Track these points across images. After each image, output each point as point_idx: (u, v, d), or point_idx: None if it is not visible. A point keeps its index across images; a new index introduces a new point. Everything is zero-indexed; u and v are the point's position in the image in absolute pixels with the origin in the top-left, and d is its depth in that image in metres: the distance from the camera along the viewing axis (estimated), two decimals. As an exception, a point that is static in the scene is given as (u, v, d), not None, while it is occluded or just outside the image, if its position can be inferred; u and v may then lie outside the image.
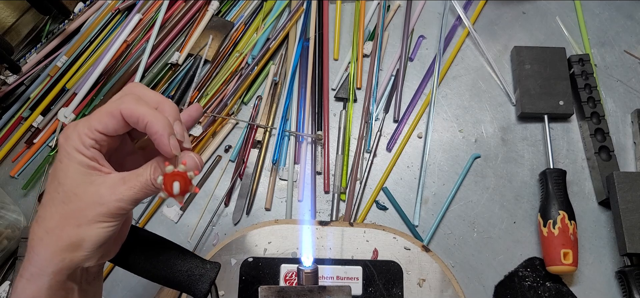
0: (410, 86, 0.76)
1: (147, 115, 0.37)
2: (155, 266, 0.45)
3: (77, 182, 0.38)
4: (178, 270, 0.45)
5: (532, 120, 0.73)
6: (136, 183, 0.38)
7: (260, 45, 0.77)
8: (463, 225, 0.67)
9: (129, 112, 0.37)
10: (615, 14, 0.80)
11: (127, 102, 0.38)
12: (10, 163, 0.71)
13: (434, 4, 0.81)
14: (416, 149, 0.72)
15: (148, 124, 0.37)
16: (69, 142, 0.38)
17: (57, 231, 0.38)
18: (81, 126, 0.38)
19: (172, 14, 0.79)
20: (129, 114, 0.37)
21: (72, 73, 0.75)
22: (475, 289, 0.64)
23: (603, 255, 0.66)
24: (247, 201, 0.68)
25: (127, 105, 0.37)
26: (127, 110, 0.37)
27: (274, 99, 0.74)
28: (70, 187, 0.38)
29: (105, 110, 0.38)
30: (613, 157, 0.68)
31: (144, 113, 0.37)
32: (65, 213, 0.38)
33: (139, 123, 0.38)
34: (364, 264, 0.61)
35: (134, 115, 0.38)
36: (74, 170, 0.38)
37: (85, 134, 0.38)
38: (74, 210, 0.38)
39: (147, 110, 0.38)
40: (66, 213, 0.38)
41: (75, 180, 0.38)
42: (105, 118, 0.38)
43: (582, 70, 0.73)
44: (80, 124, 0.38)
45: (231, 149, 0.72)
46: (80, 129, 0.38)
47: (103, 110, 0.38)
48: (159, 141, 0.38)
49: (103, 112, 0.38)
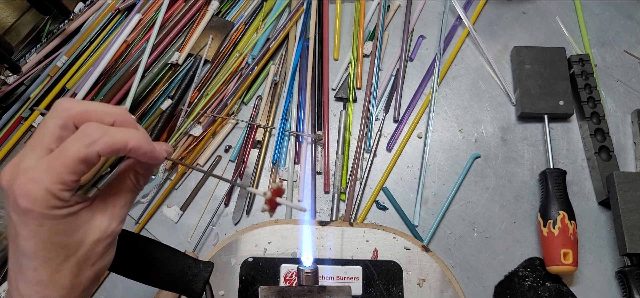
0: (410, 86, 0.76)
1: (129, 141, 0.35)
2: (148, 269, 0.45)
3: (72, 232, 0.35)
4: (171, 271, 0.45)
5: (532, 120, 0.73)
6: (126, 198, 0.38)
7: (260, 45, 0.77)
8: (463, 225, 0.67)
9: (109, 149, 0.34)
10: (615, 14, 0.80)
11: (100, 138, 0.33)
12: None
13: (434, 4, 0.81)
14: (416, 148, 0.72)
15: (133, 149, 0.35)
16: (38, 203, 0.32)
17: (75, 283, 0.36)
18: (48, 182, 0.32)
19: (172, 14, 0.79)
20: (109, 151, 0.34)
21: (72, 73, 0.75)
22: (475, 289, 0.64)
23: (603, 255, 0.66)
24: (247, 201, 0.68)
25: (103, 142, 0.33)
26: (106, 148, 0.34)
27: (274, 99, 0.74)
28: (67, 241, 0.35)
29: (76, 157, 0.33)
30: (613, 157, 0.68)
31: (124, 139, 0.34)
32: (76, 264, 0.35)
33: (121, 151, 0.35)
34: (364, 264, 0.61)
35: (114, 149, 0.34)
36: (63, 225, 0.34)
37: (59, 190, 0.33)
38: (82, 256, 0.36)
39: (123, 134, 0.35)
40: (77, 264, 0.36)
41: (68, 232, 0.35)
42: (79, 166, 0.33)
43: (582, 70, 0.73)
44: (46, 180, 0.32)
45: (231, 149, 0.72)
46: (48, 185, 0.32)
47: (72, 157, 0.33)
48: (151, 157, 0.36)
49: (73, 159, 0.33)
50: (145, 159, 0.37)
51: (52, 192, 0.33)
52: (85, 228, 0.36)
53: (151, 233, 0.67)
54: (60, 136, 0.35)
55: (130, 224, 0.67)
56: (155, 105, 0.73)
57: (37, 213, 0.33)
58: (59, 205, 0.33)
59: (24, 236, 0.33)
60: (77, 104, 0.35)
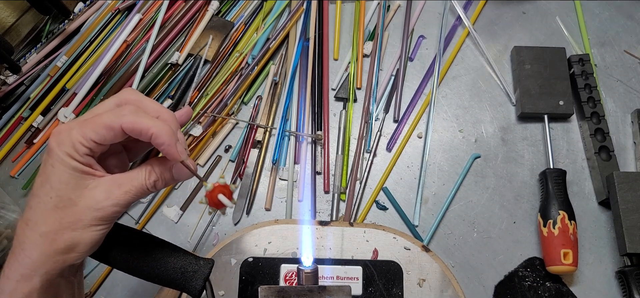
0: (410, 86, 0.76)
1: (152, 127, 0.38)
2: (149, 265, 0.45)
3: (71, 187, 0.38)
4: (171, 267, 0.45)
5: (532, 120, 0.73)
6: (131, 187, 0.40)
7: (260, 45, 0.77)
8: (463, 225, 0.67)
9: (130, 126, 0.38)
10: (615, 14, 0.80)
11: (128, 115, 0.38)
12: (10, 163, 0.71)
13: (434, 4, 0.81)
14: (416, 148, 0.72)
15: (154, 135, 0.38)
16: (61, 147, 0.37)
17: (52, 235, 0.38)
18: (76, 132, 0.37)
19: (172, 14, 0.79)
20: (130, 127, 0.38)
21: (72, 73, 0.75)
22: (475, 289, 0.64)
23: (603, 255, 0.66)
24: (247, 201, 0.68)
25: (128, 119, 0.37)
26: (128, 124, 0.37)
27: (274, 99, 0.74)
28: (64, 191, 0.38)
29: (103, 122, 0.37)
30: (613, 157, 0.68)
31: (148, 125, 0.38)
32: (60, 217, 0.38)
33: (143, 135, 0.38)
34: (364, 264, 0.61)
35: (136, 129, 0.38)
36: (68, 175, 0.38)
37: (79, 142, 0.37)
38: (69, 214, 0.38)
39: (150, 121, 0.38)
40: (61, 218, 0.38)
41: (69, 184, 0.38)
42: (103, 130, 0.37)
43: (582, 70, 0.73)
44: (75, 130, 0.37)
45: (231, 149, 0.72)
46: (74, 135, 0.37)
47: (101, 122, 0.37)
48: (167, 151, 0.39)
49: (100, 123, 0.37)
50: (163, 150, 0.39)
51: (73, 142, 0.37)
52: (84, 192, 0.38)
53: (151, 233, 0.66)
54: (111, 111, 0.39)
55: (130, 224, 0.67)
56: (155, 105, 0.73)
57: (56, 155, 0.37)
58: (74, 156, 0.37)
59: (40, 174, 0.38)
60: (137, 94, 0.41)
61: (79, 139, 0.37)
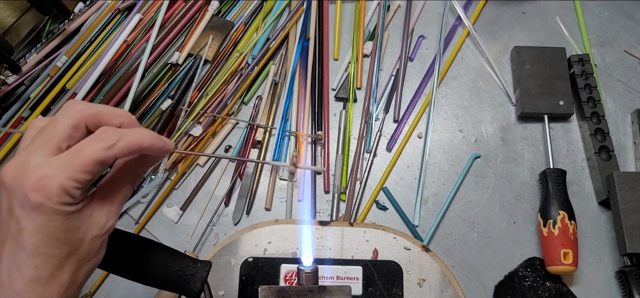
0: (410, 86, 0.76)
1: (143, 140, 0.36)
2: (146, 269, 0.45)
3: (75, 228, 0.35)
4: (169, 271, 0.45)
5: (532, 120, 0.73)
6: (122, 197, 0.39)
7: (260, 45, 0.77)
8: (463, 225, 0.67)
9: (125, 151, 0.36)
10: (615, 14, 0.80)
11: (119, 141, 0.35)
12: (10, 163, 0.71)
13: (434, 4, 0.81)
14: (416, 148, 0.72)
15: (147, 147, 0.37)
16: (51, 199, 0.33)
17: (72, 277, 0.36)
18: (64, 178, 0.33)
19: (172, 14, 0.79)
20: (126, 152, 0.36)
21: (72, 73, 0.75)
22: (475, 289, 0.64)
23: (603, 255, 0.66)
24: (247, 201, 0.68)
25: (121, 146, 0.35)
26: (123, 151, 0.35)
27: (274, 99, 0.74)
28: (72, 237, 0.35)
29: (95, 158, 0.34)
30: (613, 157, 0.68)
31: (139, 140, 0.36)
32: (76, 259, 0.36)
33: (136, 152, 0.37)
34: (364, 264, 0.61)
35: (130, 151, 0.36)
36: (69, 221, 0.35)
37: (72, 187, 0.34)
38: (82, 252, 0.36)
39: (138, 135, 0.36)
40: (76, 259, 0.36)
41: (73, 228, 0.35)
42: (96, 167, 0.35)
43: (582, 70, 0.73)
44: (62, 176, 0.33)
45: (231, 149, 0.72)
46: (64, 182, 0.33)
47: (91, 159, 0.34)
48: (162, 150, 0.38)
49: (91, 160, 0.34)
50: (158, 154, 0.38)
51: (66, 189, 0.33)
52: (86, 225, 0.36)
53: (151, 233, 0.67)
54: (71, 136, 0.36)
55: (130, 224, 0.67)
56: (155, 105, 0.73)
57: (49, 208, 0.33)
58: (70, 202, 0.34)
59: (30, 231, 0.33)
60: (89, 106, 0.37)
61: (71, 184, 0.34)
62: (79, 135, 0.36)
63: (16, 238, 0.34)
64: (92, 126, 0.37)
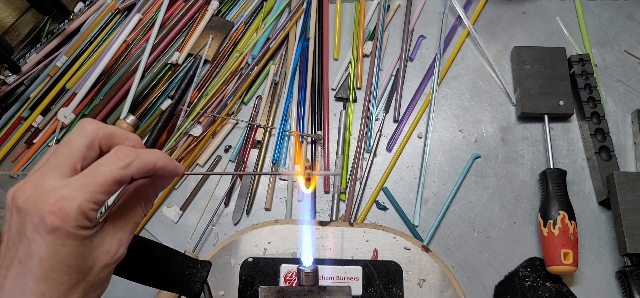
0: (410, 86, 0.76)
1: (157, 161, 0.36)
2: (146, 270, 0.44)
3: (87, 256, 0.34)
4: (169, 271, 0.45)
5: (532, 120, 0.73)
6: (134, 224, 0.38)
7: (260, 45, 0.77)
8: (463, 225, 0.67)
9: (141, 171, 0.35)
10: (615, 14, 0.80)
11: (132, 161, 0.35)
12: (10, 163, 0.71)
13: (434, 4, 0.81)
14: (416, 148, 0.71)
15: (160, 168, 0.37)
16: (68, 221, 0.32)
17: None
18: (82, 199, 0.32)
19: (172, 13, 0.79)
20: (141, 172, 0.35)
21: (72, 73, 0.75)
22: (475, 289, 0.64)
23: (603, 255, 0.66)
24: (247, 201, 0.68)
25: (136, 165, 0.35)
26: (139, 171, 0.35)
27: (274, 99, 0.74)
28: (83, 264, 0.34)
29: (112, 178, 0.34)
30: (613, 157, 0.68)
31: (153, 161, 0.36)
32: (84, 287, 0.35)
33: (150, 172, 0.36)
34: (364, 264, 0.61)
35: (145, 172, 0.36)
36: (83, 248, 0.34)
37: (90, 209, 0.33)
38: (91, 279, 0.35)
39: (152, 155, 0.36)
40: (85, 287, 0.35)
41: (85, 255, 0.34)
42: (113, 187, 0.34)
43: (582, 70, 0.73)
44: (80, 198, 0.32)
45: (231, 149, 0.72)
46: (82, 203, 0.32)
47: (109, 178, 0.34)
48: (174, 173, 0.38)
49: (109, 180, 0.33)
50: (171, 175, 0.38)
51: (84, 211, 0.32)
52: (96, 253, 0.35)
53: (151, 233, 0.67)
54: (85, 156, 0.35)
55: (130, 224, 0.67)
56: (155, 105, 0.73)
57: (65, 231, 0.32)
58: (86, 225, 0.33)
59: (41, 256, 0.32)
60: (103, 126, 0.36)
61: (90, 206, 0.33)
62: (92, 155, 0.36)
63: (24, 262, 0.33)
64: (105, 147, 0.36)
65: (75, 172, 0.34)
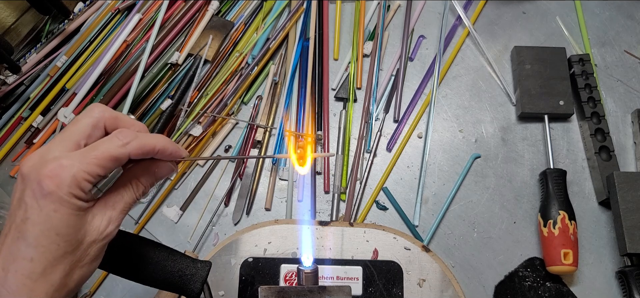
0: (410, 86, 0.76)
1: (157, 144, 0.38)
2: (146, 270, 0.45)
3: (78, 228, 0.36)
4: (169, 271, 0.45)
5: (532, 120, 0.73)
6: (125, 205, 0.40)
7: (260, 45, 0.77)
8: (463, 225, 0.67)
9: (139, 151, 0.38)
10: (615, 14, 0.80)
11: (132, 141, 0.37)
12: (10, 163, 0.71)
13: (434, 4, 0.81)
14: (416, 148, 0.72)
15: (160, 150, 0.39)
16: (62, 188, 0.34)
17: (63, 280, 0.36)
18: (78, 169, 0.34)
19: (172, 14, 0.79)
20: (139, 152, 0.38)
21: (72, 73, 0.75)
22: (475, 289, 0.64)
23: (603, 255, 0.66)
24: (247, 201, 0.68)
25: (134, 145, 0.37)
26: (137, 150, 0.37)
27: (274, 99, 0.74)
28: (72, 235, 0.35)
29: (110, 154, 0.36)
30: (613, 157, 0.68)
31: (153, 143, 0.38)
32: (70, 261, 0.36)
33: (148, 154, 0.39)
34: (364, 264, 0.61)
35: (144, 152, 0.38)
36: (75, 218, 0.35)
37: (84, 179, 0.35)
38: (77, 255, 0.36)
39: (153, 139, 0.38)
40: (71, 261, 0.36)
41: (76, 226, 0.36)
42: (110, 163, 0.36)
43: (582, 70, 0.73)
44: (77, 167, 0.34)
45: (231, 149, 0.72)
46: (78, 173, 0.34)
47: (106, 154, 0.36)
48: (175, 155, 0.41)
49: (106, 156, 0.36)
50: (171, 158, 0.41)
51: (78, 180, 0.34)
52: (87, 227, 0.37)
53: (151, 233, 0.67)
54: (90, 134, 0.38)
55: (130, 224, 0.67)
56: (155, 105, 0.73)
57: (58, 197, 0.34)
58: (79, 195, 0.35)
59: (34, 221, 0.34)
60: (109, 110, 0.39)
61: (84, 177, 0.35)
62: (97, 134, 0.38)
63: (20, 227, 0.35)
64: (110, 129, 0.39)
65: (79, 147, 0.37)
